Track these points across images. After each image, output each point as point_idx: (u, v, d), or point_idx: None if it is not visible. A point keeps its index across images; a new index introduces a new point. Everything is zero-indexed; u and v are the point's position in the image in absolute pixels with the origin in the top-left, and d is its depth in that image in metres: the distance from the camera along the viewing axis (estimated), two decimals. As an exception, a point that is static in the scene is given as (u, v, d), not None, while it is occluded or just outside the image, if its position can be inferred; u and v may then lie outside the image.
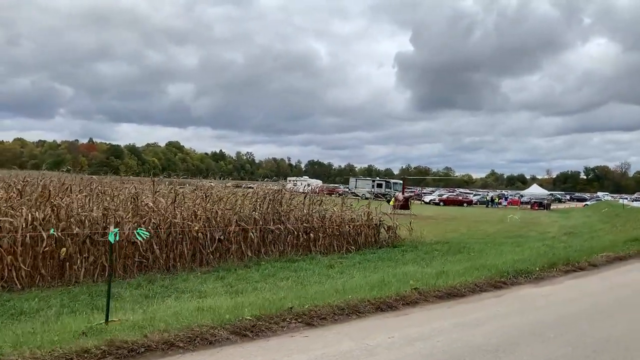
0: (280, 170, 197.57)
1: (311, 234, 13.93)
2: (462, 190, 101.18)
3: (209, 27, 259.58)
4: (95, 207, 10.25)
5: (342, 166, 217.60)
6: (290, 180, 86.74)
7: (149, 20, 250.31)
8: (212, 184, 16.44)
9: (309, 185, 77.33)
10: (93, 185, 13.02)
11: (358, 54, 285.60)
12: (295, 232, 13.57)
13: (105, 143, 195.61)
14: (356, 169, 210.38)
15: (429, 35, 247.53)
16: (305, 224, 13.87)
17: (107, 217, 10.02)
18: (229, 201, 12.49)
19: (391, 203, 37.78)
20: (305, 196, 15.17)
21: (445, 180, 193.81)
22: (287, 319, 5.01)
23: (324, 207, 15.57)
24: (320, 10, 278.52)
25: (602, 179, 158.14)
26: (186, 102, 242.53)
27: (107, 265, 8.67)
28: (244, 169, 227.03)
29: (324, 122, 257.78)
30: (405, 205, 36.48)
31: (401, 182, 69.40)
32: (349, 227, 15.30)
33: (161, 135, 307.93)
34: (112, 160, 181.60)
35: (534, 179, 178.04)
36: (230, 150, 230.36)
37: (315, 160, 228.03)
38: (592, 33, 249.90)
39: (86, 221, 9.72)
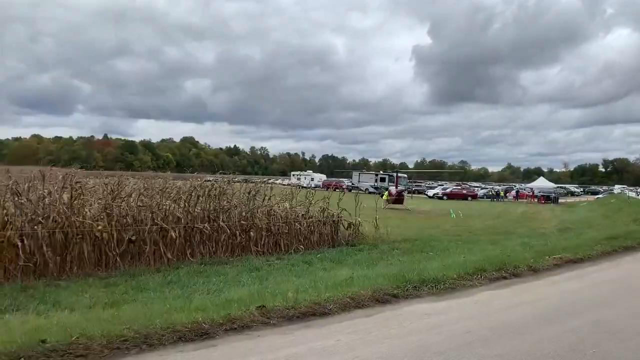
0: (294, 165, 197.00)
1: (251, 233, 12.67)
2: (474, 184, 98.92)
3: (226, 23, 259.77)
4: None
5: (357, 160, 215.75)
6: (294, 175, 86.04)
7: (167, 16, 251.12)
8: (211, 178, 15.15)
9: (312, 179, 76.68)
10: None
11: (375, 48, 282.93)
12: (231, 231, 12.35)
13: (121, 139, 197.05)
14: (371, 163, 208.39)
15: (447, 28, 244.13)
16: (243, 222, 12.63)
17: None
18: (146, 196, 11.27)
19: (384, 197, 36.40)
20: (250, 191, 13.88)
21: (460, 174, 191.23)
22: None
23: (272, 202, 14.27)
24: (338, 5, 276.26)
25: (620, 171, 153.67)
26: (204, 98, 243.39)
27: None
28: (258, 164, 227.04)
29: (340, 116, 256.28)
30: (398, 199, 35.05)
31: (405, 175, 67.95)
32: (300, 224, 14.00)
33: (179, 131, 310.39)
34: (127, 155, 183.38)
35: (551, 172, 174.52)
36: (247, 146, 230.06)
37: (330, 154, 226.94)
38: (615, 24, 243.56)
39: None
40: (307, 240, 14.19)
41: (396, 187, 36.18)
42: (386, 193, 36.24)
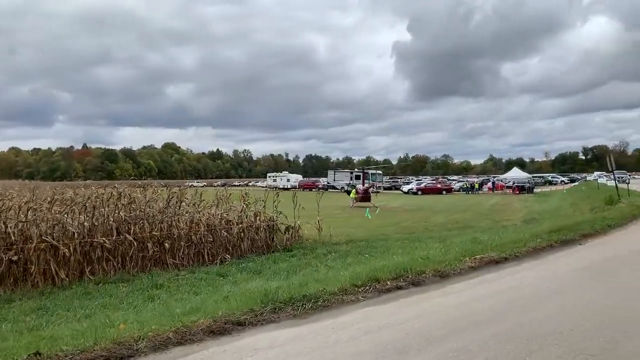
0: (278, 166, 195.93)
1: (165, 244, 11.55)
2: (454, 177, 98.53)
3: (207, 26, 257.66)
4: None
5: (341, 159, 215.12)
6: (269, 177, 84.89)
7: (147, 21, 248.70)
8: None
9: (288, 180, 75.71)
10: None
11: (357, 45, 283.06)
12: (142, 243, 11.23)
13: (101, 148, 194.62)
14: (354, 160, 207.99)
15: (427, 23, 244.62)
16: (155, 233, 11.50)
17: None
18: (36, 209, 10.08)
19: (352, 195, 35.42)
20: (170, 198, 12.75)
21: (443, 167, 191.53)
22: None
23: (197, 208, 13.16)
24: (319, 4, 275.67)
25: (600, 158, 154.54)
26: (187, 103, 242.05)
27: None
28: (241, 166, 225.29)
29: (324, 116, 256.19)
30: (365, 197, 34.09)
31: (380, 172, 67.15)
32: (227, 232, 12.92)
33: (162, 137, 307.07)
34: (107, 164, 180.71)
35: (532, 162, 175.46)
36: (231, 149, 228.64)
37: (314, 154, 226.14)
38: (592, 12, 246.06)
39: None
40: (237, 249, 13.11)
41: (363, 185, 35.12)
42: (353, 191, 35.24)
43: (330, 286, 5.97)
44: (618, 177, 40.98)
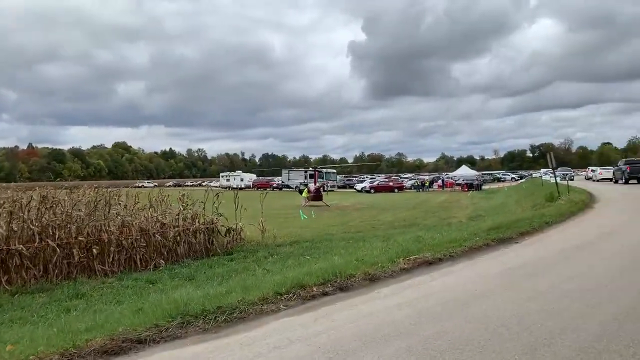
0: (234, 165, 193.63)
1: (94, 249, 10.86)
2: (407, 175, 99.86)
3: (160, 23, 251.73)
4: None
5: (297, 158, 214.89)
6: (222, 176, 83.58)
7: (97, 18, 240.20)
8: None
9: (242, 179, 74.73)
10: None
11: (313, 44, 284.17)
12: (69, 249, 10.52)
13: (47, 148, 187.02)
14: (311, 159, 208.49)
15: (381, 23, 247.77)
16: (81, 238, 10.80)
17: None
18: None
19: (304, 195, 35.14)
20: (97, 201, 12.04)
21: (398, 166, 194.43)
22: None
23: (130, 211, 12.50)
24: (274, 2, 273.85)
25: (547, 156, 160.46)
26: (138, 101, 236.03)
27: None
28: (195, 166, 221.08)
29: (281, 114, 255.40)
30: (316, 196, 33.86)
31: (334, 171, 67.19)
32: (162, 235, 12.32)
33: (113, 136, 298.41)
34: (55, 165, 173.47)
35: (483, 160, 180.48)
36: (185, 148, 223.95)
37: (270, 153, 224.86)
38: (539, 15, 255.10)
39: None
40: (172, 253, 12.53)
41: (315, 184, 34.87)
42: (305, 190, 34.95)
43: (252, 294, 5.60)
44: (563, 174, 42.50)
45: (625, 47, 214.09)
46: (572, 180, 39.72)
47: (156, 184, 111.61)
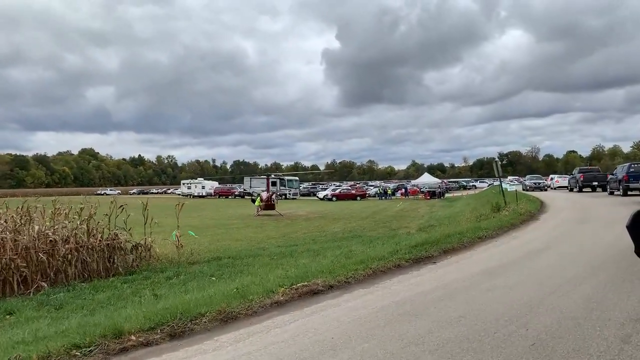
0: (204, 172, 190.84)
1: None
2: (375, 182, 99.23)
3: (131, 27, 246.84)
4: None
5: (269, 165, 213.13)
6: (184, 184, 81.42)
7: (65, 21, 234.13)
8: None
9: (203, 187, 72.87)
10: None
11: (286, 51, 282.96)
12: None
13: (10, 154, 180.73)
14: (283, 166, 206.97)
15: (354, 31, 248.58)
16: None
17: None
18: None
19: (257, 203, 33.65)
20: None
21: (369, 173, 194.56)
22: None
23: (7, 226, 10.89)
24: (247, 8, 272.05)
25: (514, 163, 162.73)
26: (108, 107, 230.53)
27: None
28: (165, 173, 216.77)
29: (253, 121, 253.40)
30: (269, 205, 32.46)
31: (296, 179, 65.87)
32: (48, 254, 10.76)
33: (81, 143, 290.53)
34: (17, 172, 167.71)
35: (452, 167, 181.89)
36: (155, 155, 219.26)
37: (242, 160, 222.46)
38: (508, 25, 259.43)
39: None
40: (62, 274, 10.99)
41: (268, 192, 33.45)
42: (258, 199, 33.49)
43: (71, 338, 4.24)
44: (534, 183, 41.47)
45: (590, 58, 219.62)
46: (546, 190, 39.15)
47: (119, 191, 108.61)
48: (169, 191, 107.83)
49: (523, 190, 37.86)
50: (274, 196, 32.81)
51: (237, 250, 15.84)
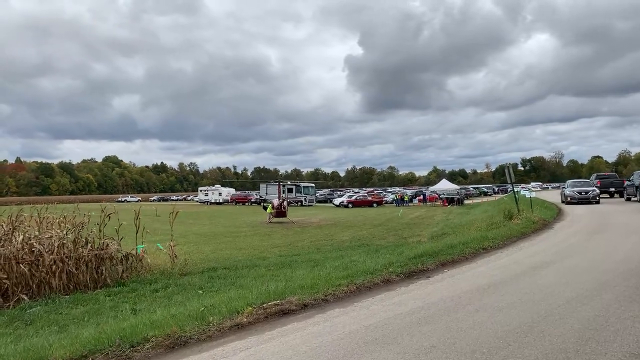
0: (226, 179, 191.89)
1: None
2: (395, 189, 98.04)
3: (157, 37, 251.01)
4: None
5: (289, 171, 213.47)
6: (201, 191, 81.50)
7: (93, 31, 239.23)
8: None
9: (220, 194, 72.78)
10: None
11: (309, 58, 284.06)
12: None
13: (36, 162, 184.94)
14: (303, 173, 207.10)
15: (377, 37, 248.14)
16: None
17: None
18: None
19: (268, 210, 33.15)
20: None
21: (389, 179, 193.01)
22: None
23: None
24: (271, 16, 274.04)
25: (537, 169, 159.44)
26: (133, 115, 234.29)
27: None
28: (187, 180, 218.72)
29: (276, 128, 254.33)
30: (280, 212, 31.92)
31: (312, 185, 65.23)
32: (28, 265, 10.37)
33: (106, 150, 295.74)
34: (43, 179, 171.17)
35: (474, 173, 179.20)
36: (178, 162, 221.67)
37: (262, 167, 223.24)
38: (534, 29, 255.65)
39: None
40: (45, 285, 10.58)
41: (279, 199, 32.92)
42: (270, 206, 32.99)
43: None
44: (579, 192, 39.34)
45: (617, 61, 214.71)
46: (598, 202, 37.23)
47: (139, 198, 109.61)
48: (189, 198, 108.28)
49: (562, 202, 29.89)
50: (284, 203, 32.19)
51: (236, 260, 15.32)
